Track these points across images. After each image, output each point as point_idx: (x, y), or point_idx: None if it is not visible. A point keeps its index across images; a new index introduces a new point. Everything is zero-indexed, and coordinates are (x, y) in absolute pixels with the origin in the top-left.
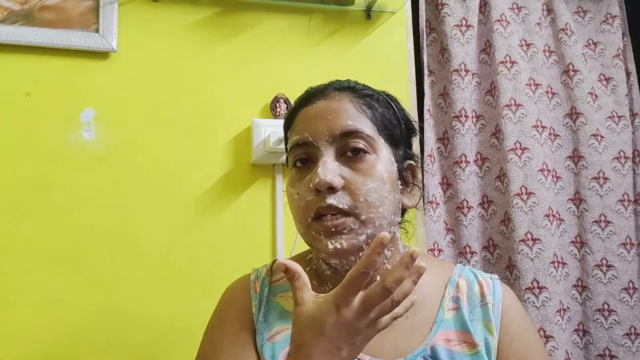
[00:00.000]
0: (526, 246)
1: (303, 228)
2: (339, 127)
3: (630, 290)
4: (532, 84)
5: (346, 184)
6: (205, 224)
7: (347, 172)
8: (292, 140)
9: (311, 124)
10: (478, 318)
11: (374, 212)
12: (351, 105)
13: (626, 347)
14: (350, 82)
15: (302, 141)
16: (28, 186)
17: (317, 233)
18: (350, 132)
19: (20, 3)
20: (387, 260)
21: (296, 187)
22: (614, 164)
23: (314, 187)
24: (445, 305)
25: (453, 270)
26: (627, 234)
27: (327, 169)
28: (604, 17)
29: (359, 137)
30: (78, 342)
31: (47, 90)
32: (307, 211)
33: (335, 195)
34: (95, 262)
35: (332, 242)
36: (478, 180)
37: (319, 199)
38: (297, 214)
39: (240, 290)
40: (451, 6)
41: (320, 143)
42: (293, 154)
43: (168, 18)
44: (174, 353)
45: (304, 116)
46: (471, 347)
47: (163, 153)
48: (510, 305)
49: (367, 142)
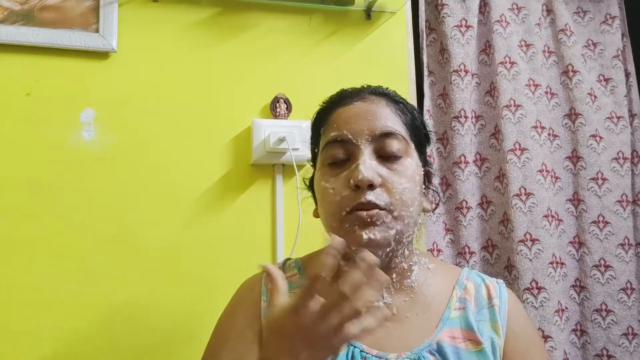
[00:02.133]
0: (525, 246)
1: (336, 222)
2: (379, 128)
3: (628, 290)
4: (531, 84)
5: (383, 182)
6: (205, 224)
7: (385, 171)
8: (328, 136)
9: (351, 123)
10: (485, 319)
11: (406, 211)
12: (388, 109)
13: (624, 347)
14: (382, 89)
15: (341, 138)
16: (28, 186)
17: (351, 225)
18: (389, 133)
19: (20, 3)
20: (405, 259)
21: (331, 182)
22: (612, 164)
23: (355, 183)
24: (453, 304)
25: (461, 273)
26: (626, 235)
27: (368, 167)
28: (603, 17)
29: (396, 139)
30: (78, 342)
31: (47, 90)
32: (342, 205)
33: (373, 192)
34: (95, 261)
35: (366, 232)
36: (477, 181)
37: (357, 195)
38: (331, 208)
39: (251, 287)
40: (451, 6)
41: (360, 141)
42: (329, 150)
43: (168, 18)
44: (173, 353)
45: (343, 115)
46: (475, 345)
47: (163, 153)
48: (514, 308)
49: (402, 145)
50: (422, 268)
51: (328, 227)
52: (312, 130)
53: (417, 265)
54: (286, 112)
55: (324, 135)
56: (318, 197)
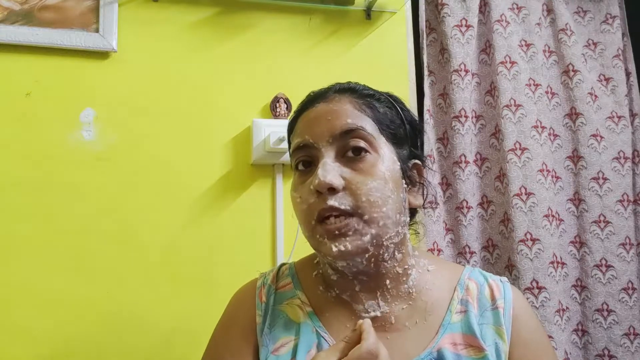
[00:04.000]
0: (525, 246)
1: (308, 232)
2: (338, 127)
3: (629, 290)
4: (532, 84)
5: (347, 185)
6: (205, 224)
7: (348, 172)
8: (293, 143)
9: (311, 126)
10: (488, 322)
11: (377, 212)
12: (351, 105)
13: (625, 347)
14: (350, 84)
15: (303, 143)
16: (28, 186)
17: (321, 236)
18: (350, 130)
19: (20, 3)
20: (398, 263)
21: (298, 190)
22: (613, 164)
23: (315, 189)
24: (454, 308)
25: (462, 272)
26: (627, 234)
27: (327, 170)
28: (604, 17)
29: (359, 136)
30: (77, 342)
31: (47, 90)
32: (309, 214)
33: (336, 197)
34: (95, 262)
35: (336, 244)
36: (478, 181)
37: (320, 201)
38: (301, 218)
39: (246, 298)
40: (451, 6)
41: (321, 144)
42: (295, 157)
43: (168, 18)
44: (173, 352)
45: (305, 120)
46: (478, 351)
47: (163, 153)
48: (521, 309)
49: (367, 141)
50: (420, 271)
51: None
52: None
53: (415, 269)
54: (286, 112)
55: (292, 143)
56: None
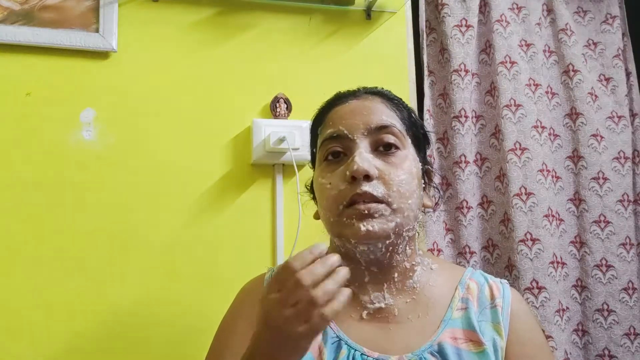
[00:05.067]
0: (525, 246)
1: (334, 216)
2: (374, 121)
3: (629, 290)
4: (532, 84)
5: (380, 174)
6: (205, 224)
7: (381, 163)
8: (325, 133)
9: (347, 119)
10: (487, 319)
11: (404, 203)
12: (383, 105)
13: (625, 347)
14: (379, 88)
15: (337, 134)
16: (28, 186)
17: (349, 218)
18: (384, 126)
19: (20, 3)
20: (407, 258)
21: (327, 178)
22: (613, 164)
23: (351, 175)
24: (455, 305)
25: (464, 273)
26: (627, 234)
27: (364, 158)
28: (604, 17)
29: (392, 132)
30: (77, 342)
31: (47, 90)
32: (339, 199)
33: (370, 184)
34: (95, 261)
35: (364, 224)
36: (478, 181)
37: (353, 187)
38: (329, 203)
39: (254, 291)
40: (451, 6)
41: (356, 135)
42: (326, 147)
43: (168, 18)
44: (173, 352)
45: (338, 113)
46: (477, 346)
47: (163, 153)
48: (519, 308)
49: (398, 138)
50: (425, 269)
51: (327, 223)
52: (311, 132)
53: (420, 266)
54: (286, 112)
55: (320, 135)
56: (317, 195)
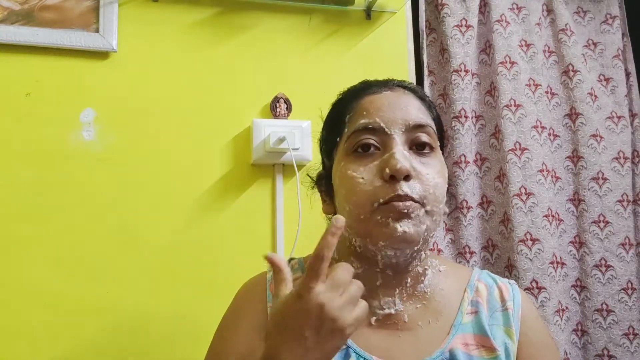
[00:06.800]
0: (525, 246)
1: (365, 213)
2: (412, 118)
3: (629, 290)
4: (531, 84)
5: (417, 174)
6: (205, 224)
7: (417, 163)
8: (358, 123)
9: (383, 111)
10: (498, 323)
11: (437, 206)
12: (418, 102)
13: (624, 347)
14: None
15: (373, 126)
16: (28, 186)
17: (383, 216)
18: (422, 125)
19: (20, 3)
20: (420, 262)
21: (359, 171)
22: (613, 164)
23: (391, 173)
24: (464, 309)
25: (472, 274)
26: (626, 235)
27: (405, 157)
28: (603, 17)
29: (427, 132)
30: (77, 342)
31: (47, 90)
32: (374, 196)
33: (408, 184)
34: (95, 262)
35: (401, 224)
36: (477, 181)
37: (391, 186)
38: (360, 199)
39: (256, 290)
40: (451, 6)
41: (393, 130)
42: (357, 138)
43: (168, 18)
44: (173, 352)
45: (374, 103)
46: (490, 352)
47: (163, 153)
48: (529, 311)
49: (432, 139)
50: (434, 271)
51: (354, 220)
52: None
53: (430, 269)
54: (286, 112)
55: (350, 123)
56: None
